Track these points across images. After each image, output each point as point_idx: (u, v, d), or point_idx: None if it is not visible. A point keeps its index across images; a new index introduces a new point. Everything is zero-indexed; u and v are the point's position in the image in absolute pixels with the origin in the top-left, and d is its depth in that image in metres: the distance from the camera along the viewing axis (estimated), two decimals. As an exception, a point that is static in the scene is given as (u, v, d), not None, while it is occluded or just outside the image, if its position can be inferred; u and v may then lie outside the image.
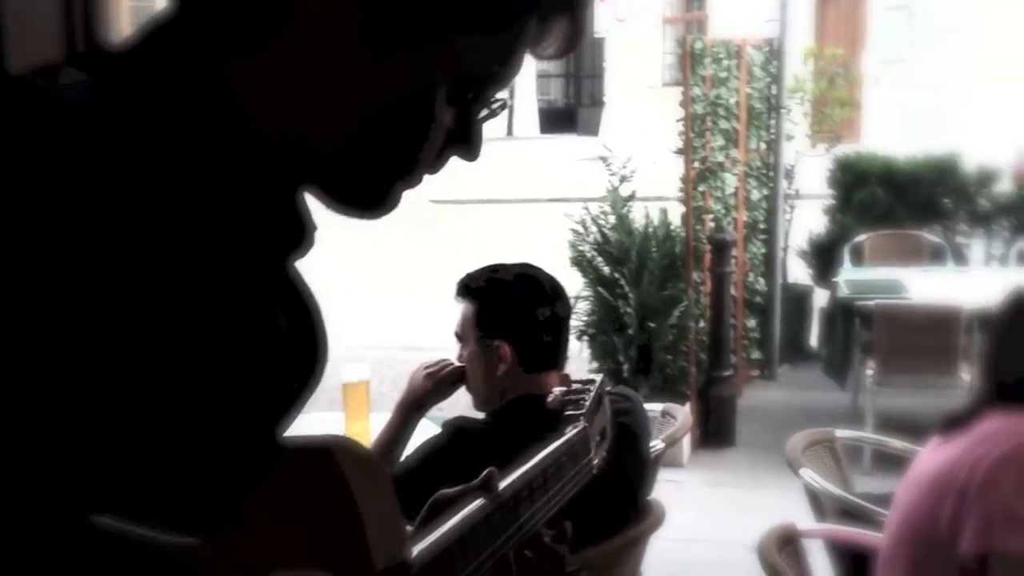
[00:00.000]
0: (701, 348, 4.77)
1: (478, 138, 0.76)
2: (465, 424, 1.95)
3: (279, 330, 0.73)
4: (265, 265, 0.73)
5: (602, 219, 4.50)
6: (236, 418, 0.68)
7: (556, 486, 1.01)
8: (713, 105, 4.75)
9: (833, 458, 2.51)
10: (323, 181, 0.74)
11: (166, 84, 0.67)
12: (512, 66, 0.75)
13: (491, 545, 0.89)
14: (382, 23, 0.69)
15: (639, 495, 2.08)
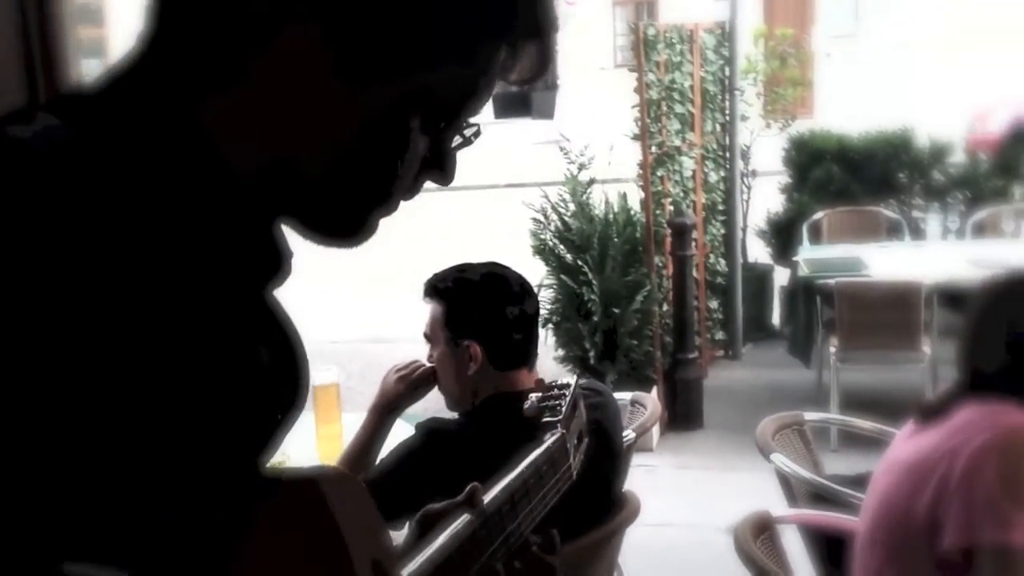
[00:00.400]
0: (666, 332, 4.79)
1: (452, 164, 0.77)
2: (439, 425, 1.94)
3: (260, 361, 0.74)
4: (244, 297, 0.73)
5: (562, 207, 4.49)
6: (219, 453, 0.67)
7: (538, 495, 1.01)
8: (668, 90, 4.76)
9: (803, 441, 2.53)
10: (300, 212, 0.75)
11: (139, 126, 0.67)
12: (483, 94, 0.75)
13: (479, 559, 0.89)
14: (354, 57, 0.69)
15: (614, 489, 2.08)
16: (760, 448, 2.38)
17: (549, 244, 4.51)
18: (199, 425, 0.64)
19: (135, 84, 0.70)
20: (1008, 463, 1.59)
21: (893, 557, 1.73)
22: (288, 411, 0.79)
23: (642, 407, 2.78)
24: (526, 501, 0.97)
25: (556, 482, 1.05)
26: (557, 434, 1.08)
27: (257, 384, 0.72)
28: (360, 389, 4.87)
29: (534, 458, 1.02)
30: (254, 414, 0.73)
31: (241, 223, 0.72)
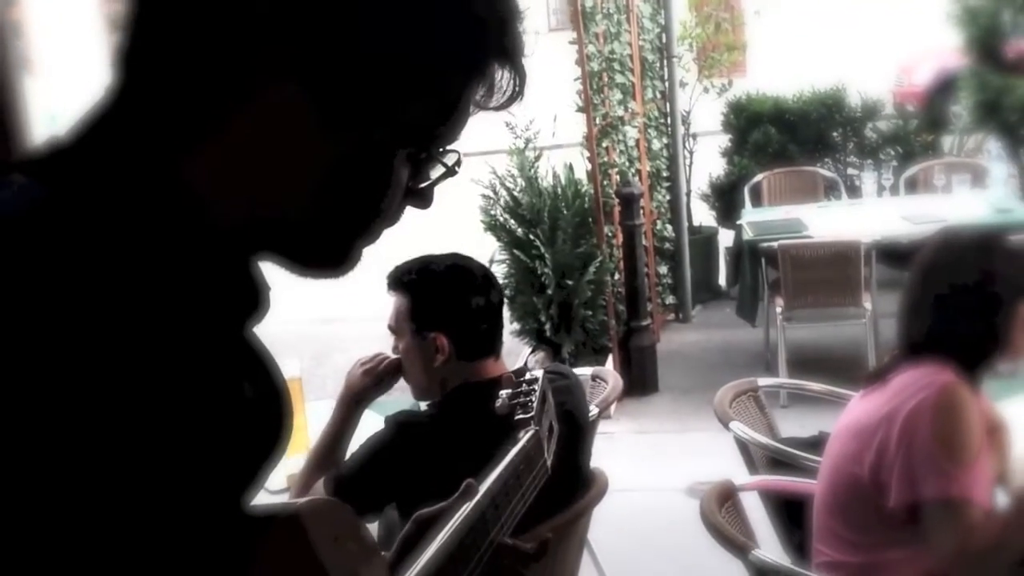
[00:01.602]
0: (619, 300, 4.88)
1: (431, 191, 0.80)
2: (408, 418, 1.98)
3: (244, 397, 0.75)
4: (225, 337, 0.74)
5: (510, 181, 4.53)
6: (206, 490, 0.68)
7: (518, 495, 1.04)
8: (608, 60, 4.81)
9: (757, 406, 2.64)
10: (282, 250, 0.76)
11: (115, 181, 0.68)
12: (460, 124, 0.78)
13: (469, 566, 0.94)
14: (331, 108, 0.70)
15: (582, 468, 2.15)
16: (719, 417, 2.48)
17: (500, 219, 4.55)
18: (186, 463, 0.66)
19: (108, 137, 0.70)
20: (942, 421, 1.69)
21: (847, 518, 1.83)
22: (273, 445, 0.80)
23: (603, 382, 2.86)
24: (507, 503, 1.01)
25: (533, 479, 1.08)
26: (531, 431, 1.11)
27: (242, 420, 0.74)
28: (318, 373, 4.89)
29: (511, 459, 1.05)
30: (239, 450, 0.74)
31: (219, 267, 0.73)
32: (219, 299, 0.73)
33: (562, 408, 2.05)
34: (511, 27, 0.76)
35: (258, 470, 0.78)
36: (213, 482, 0.69)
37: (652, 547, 3.43)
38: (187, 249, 0.70)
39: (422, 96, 0.73)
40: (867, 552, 1.79)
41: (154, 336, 0.64)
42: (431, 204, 0.81)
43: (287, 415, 0.81)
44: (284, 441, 0.82)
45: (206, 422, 0.67)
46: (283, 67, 0.69)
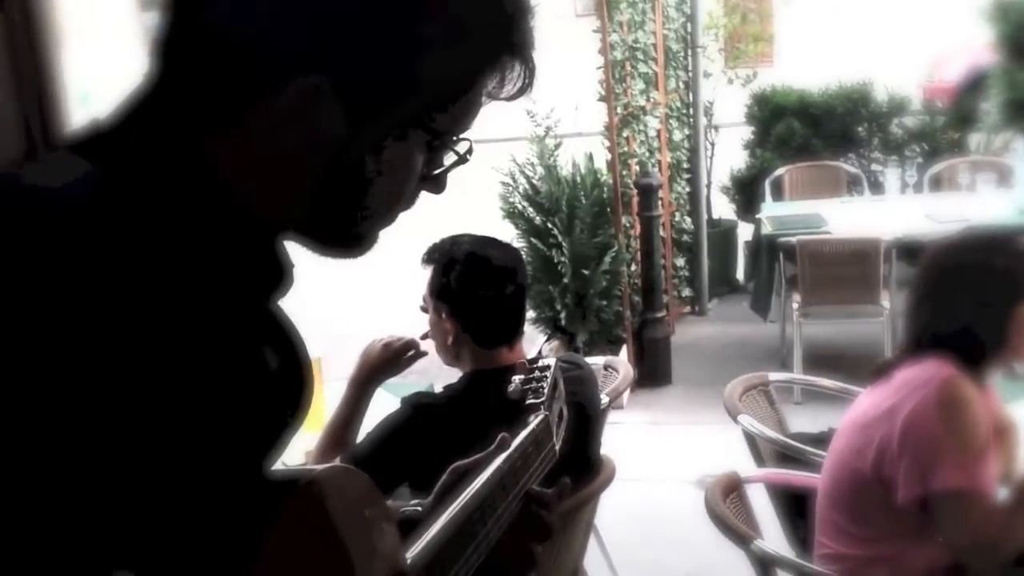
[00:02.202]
0: (634, 291, 4.87)
1: (445, 177, 0.84)
2: (424, 400, 2.00)
3: (268, 367, 0.80)
4: (250, 309, 0.80)
5: (529, 169, 4.53)
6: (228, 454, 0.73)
7: (525, 476, 1.08)
8: (632, 49, 4.79)
9: (767, 400, 2.63)
10: (303, 230, 0.81)
11: (154, 163, 0.73)
12: (472, 115, 0.82)
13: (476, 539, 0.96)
14: (353, 101, 0.75)
15: (590, 455, 2.16)
16: (728, 410, 2.48)
17: (518, 207, 4.55)
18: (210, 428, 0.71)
19: (147, 121, 0.76)
20: (947, 414, 1.70)
21: (848, 511, 1.84)
22: (295, 413, 0.85)
23: (615, 371, 2.86)
24: (514, 483, 1.04)
25: (541, 461, 1.12)
26: (541, 416, 1.14)
27: (265, 388, 0.79)
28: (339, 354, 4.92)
29: (520, 441, 1.08)
30: (262, 416, 0.79)
31: (245, 244, 0.78)
32: (245, 273, 0.78)
33: (573, 397, 2.07)
34: (520, 23, 0.80)
35: (279, 435, 0.83)
36: (235, 445, 0.74)
37: (659, 536, 3.44)
38: (215, 227, 0.75)
39: (438, 93, 0.77)
40: (868, 544, 1.80)
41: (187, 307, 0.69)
42: (444, 189, 0.85)
43: (308, 384, 0.86)
44: (305, 408, 0.86)
45: (229, 387, 0.72)
46: (306, 60, 0.73)
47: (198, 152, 0.75)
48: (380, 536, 0.84)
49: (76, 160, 0.72)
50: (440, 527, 0.92)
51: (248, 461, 0.77)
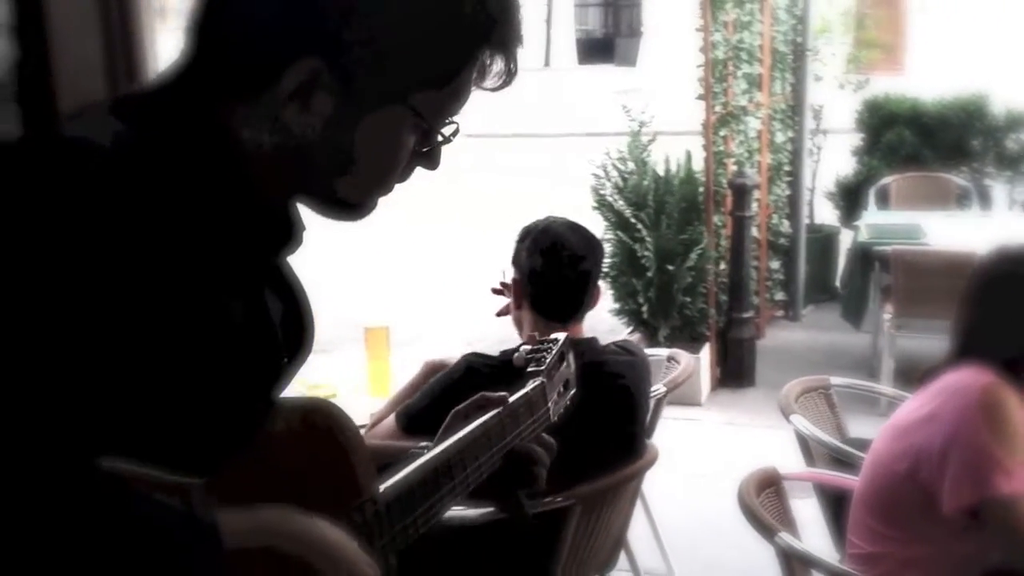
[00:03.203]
0: (722, 290, 4.86)
1: (438, 154, 0.96)
2: (478, 359, 2.10)
3: (271, 311, 0.93)
4: (259, 261, 0.93)
5: (621, 164, 4.58)
6: (238, 380, 0.86)
7: (513, 432, 1.17)
8: (736, 49, 4.77)
9: (827, 404, 2.63)
10: (312, 194, 0.93)
11: (179, 127, 0.86)
12: (460, 101, 0.93)
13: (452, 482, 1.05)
14: (348, 82, 0.86)
15: (635, 438, 2.22)
16: (781, 409, 2.50)
17: (608, 199, 4.60)
18: (223, 354, 0.83)
19: (178, 91, 0.89)
20: (992, 420, 1.70)
21: (881, 512, 1.85)
22: (296, 352, 0.99)
23: (677, 363, 2.90)
24: (500, 436, 1.14)
25: (533, 422, 1.21)
26: (537, 382, 1.24)
27: (264, 329, 0.92)
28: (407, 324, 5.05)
29: (511, 401, 1.18)
30: (267, 352, 0.92)
31: (255, 203, 0.90)
32: (254, 229, 0.90)
33: (621, 380, 2.15)
34: (503, 24, 0.91)
35: (278, 368, 0.95)
36: (235, 371, 0.86)
37: (719, 533, 3.45)
38: (228, 187, 0.87)
39: (428, 77, 0.89)
40: (899, 546, 1.81)
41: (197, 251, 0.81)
42: (438, 165, 0.96)
43: (308, 330, 1.00)
44: (305, 349, 1.00)
45: (230, 323, 0.85)
46: (309, 45, 0.85)
47: (219, 122, 0.87)
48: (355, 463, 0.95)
49: (110, 120, 0.84)
50: (417, 466, 1.02)
51: (247, 386, 0.89)
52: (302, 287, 0.99)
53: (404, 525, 0.99)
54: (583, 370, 2.01)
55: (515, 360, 1.31)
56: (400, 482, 1.00)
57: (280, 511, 0.81)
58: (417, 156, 0.94)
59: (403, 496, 0.99)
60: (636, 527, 2.90)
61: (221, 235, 0.85)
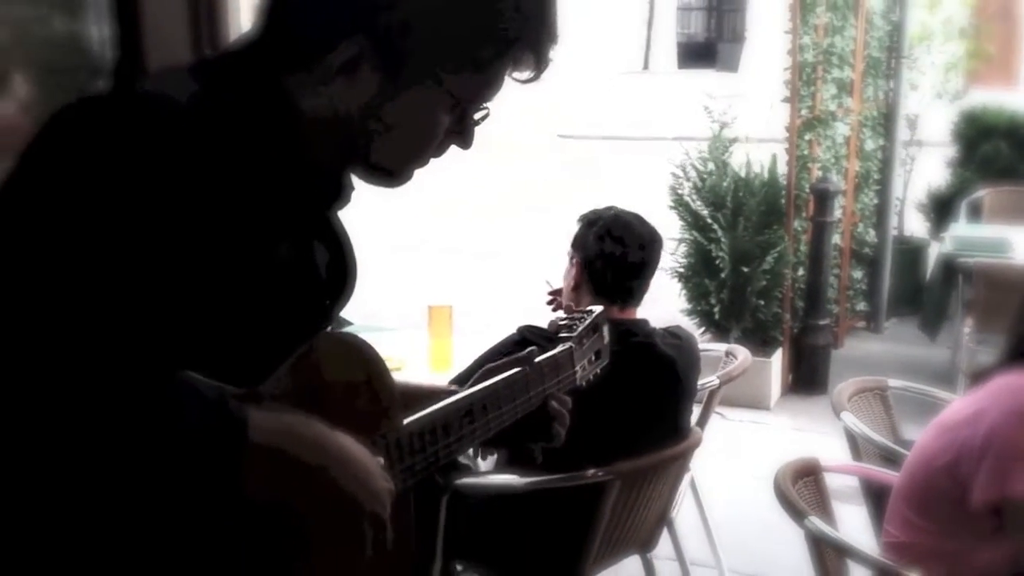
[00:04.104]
0: (799, 296, 4.83)
1: (471, 132, 1.07)
2: (533, 330, 2.19)
3: (317, 259, 1.06)
4: (311, 213, 1.06)
5: (700, 164, 4.59)
6: (284, 312, 0.98)
7: (537, 388, 1.27)
8: (826, 54, 4.73)
9: (883, 405, 2.63)
10: (352, 160, 1.05)
11: (245, 89, 0.98)
12: (493, 87, 1.04)
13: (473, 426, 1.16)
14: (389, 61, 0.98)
15: (679, 421, 2.28)
16: (833, 406, 2.51)
17: (686, 199, 4.62)
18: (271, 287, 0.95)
19: (247, 59, 1.01)
20: None
21: (918, 504, 1.87)
22: (338, 295, 1.11)
23: (734, 357, 2.93)
24: (524, 390, 1.24)
25: (558, 382, 1.30)
26: (566, 346, 1.33)
27: (313, 270, 1.04)
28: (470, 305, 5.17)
29: (538, 360, 1.28)
30: (309, 290, 1.04)
31: (309, 162, 1.02)
32: (306, 185, 1.02)
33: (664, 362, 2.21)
34: (536, 21, 1.02)
35: (324, 306, 1.08)
36: (288, 302, 0.98)
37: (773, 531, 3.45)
38: (286, 146, 0.99)
39: (463, 64, 1.00)
40: (931, 537, 1.84)
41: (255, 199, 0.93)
42: (471, 145, 1.08)
43: (351, 276, 1.12)
44: (347, 293, 1.13)
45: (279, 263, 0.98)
46: (356, 25, 0.97)
47: (280, 88, 0.99)
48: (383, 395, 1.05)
49: (188, 80, 0.97)
50: (441, 406, 1.12)
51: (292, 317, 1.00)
52: (349, 241, 1.11)
53: (424, 456, 1.09)
54: (631, 350, 2.10)
55: (548, 325, 1.40)
56: (423, 418, 1.10)
57: (303, 417, 0.91)
58: (451, 134, 1.05)
59: (425, 431, 1.09)
60: (687, 518, 2.94)
61: (275, 186, 0.96)
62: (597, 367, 1.42)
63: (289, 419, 0.90)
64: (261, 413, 0.87)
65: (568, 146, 13.57)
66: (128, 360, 0.82)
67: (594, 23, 23.80)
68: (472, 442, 1.15)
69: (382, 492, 0.95)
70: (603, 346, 1.44)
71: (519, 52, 1.01)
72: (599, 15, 23.75)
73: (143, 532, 0.86)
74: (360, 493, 0.92)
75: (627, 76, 21.87)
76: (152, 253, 0.85)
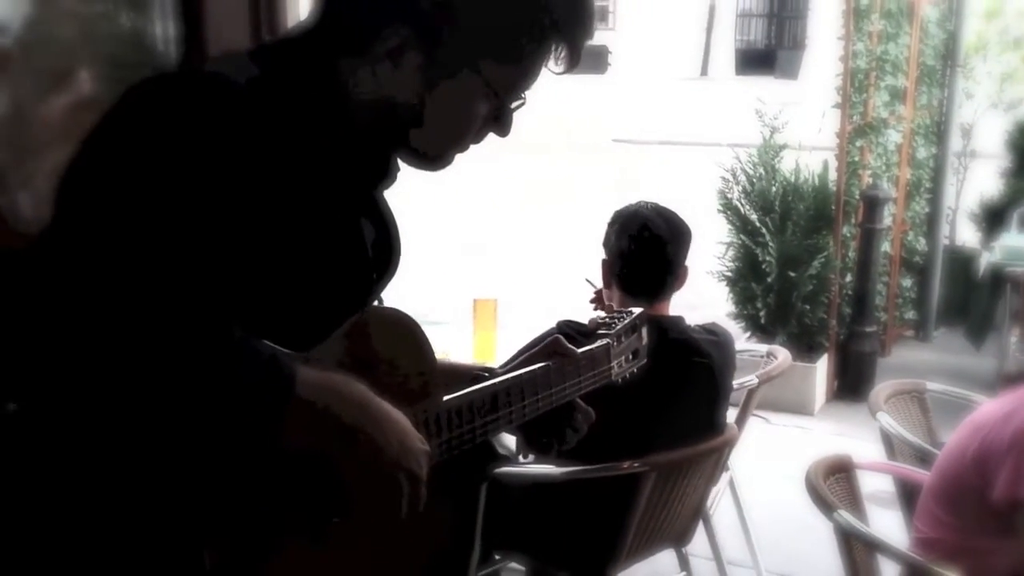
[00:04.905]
0: (846, 302, 4.83)
1: (509, 121, 1.14)
2: (571, 325, 2.26)
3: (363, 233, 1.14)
4: (358, 191, 1.14)
5: (750, 168, 4.62)
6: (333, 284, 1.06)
7: (573, 379, 1.33)
8: (879, 61, 4.72)
9: (920, 408, 2.65)
10: (402, 144, 1.13)
11: (300, 73, 1.07)
12: (529, 80, 1.12)
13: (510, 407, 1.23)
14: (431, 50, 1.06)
15: (715, 417, 2.33)
16: (869, 406, 2.54)
17: (735, 203, 4.66)
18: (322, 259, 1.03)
19: (303, 44, 1.10)
20: None
21: (946, 501, 1.91)
22: (384, 270, 1.19)
23: (774, 358, 2.97)
24: (560, 380, 1.31)
25: (593, 376, 1.37)
26: (603, 342, 1.40)
27: (359, 247, 1.12)
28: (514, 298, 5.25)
29: (579, 353, 1.34)
30: (357, 265, 1.12)
31: (358, 143, 1.10)
32: (355, 164, 1.11)
33: (700, 358, 2.26)
34: (572, 16, 1.09)
35: (371, 280, 1.16)
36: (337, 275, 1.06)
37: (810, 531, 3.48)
38: (337, 126, 1.08)
39: (500, 55, 1.08)
40: (957, 534, 1.87)
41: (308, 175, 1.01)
42: (509, 132, 1.16)
43: (396, 251, 1.20)
44: (392, 268, 1.20)
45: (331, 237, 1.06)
46: (402, 14, 1.05)
47: (332, 72, 1.08)
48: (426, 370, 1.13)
49: (248, 63, 1.06)
50: (478, 388, 1.19)
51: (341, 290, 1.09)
52: (394, 220, 1.20)
53: (461, 432, 1.16)
54: (667, 346, 2.15)
55: (588, 323, 1.47)
56: (462, 396, 1.17)
57: (347, 377, 0.99)
58: (489, 122, 1.13)
59: (463, 408, 1.16)
60: (726, 518, 2.99)
61: (325, 164, 1.05)
62: (634, 366, 1.47)
63: (335, 378, 0.97)
64: (308, 370, 0.94)
65: (622, 150, 13.60)
66: (193, 311, 0.90)
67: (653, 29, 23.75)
68: (507, 424, 1.22)
69: (418, 451, 1.01)
70: (641, 346, 1.49)
71: (555, 45, 1.09)
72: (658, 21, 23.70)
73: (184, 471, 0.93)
74: (397, 450, 0.99)
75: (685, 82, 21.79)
76: (216, 219, 0.93)
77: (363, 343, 1.05)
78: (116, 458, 0.93)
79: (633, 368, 1.48)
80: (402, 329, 1.11)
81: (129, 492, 0.93)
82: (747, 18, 25.04)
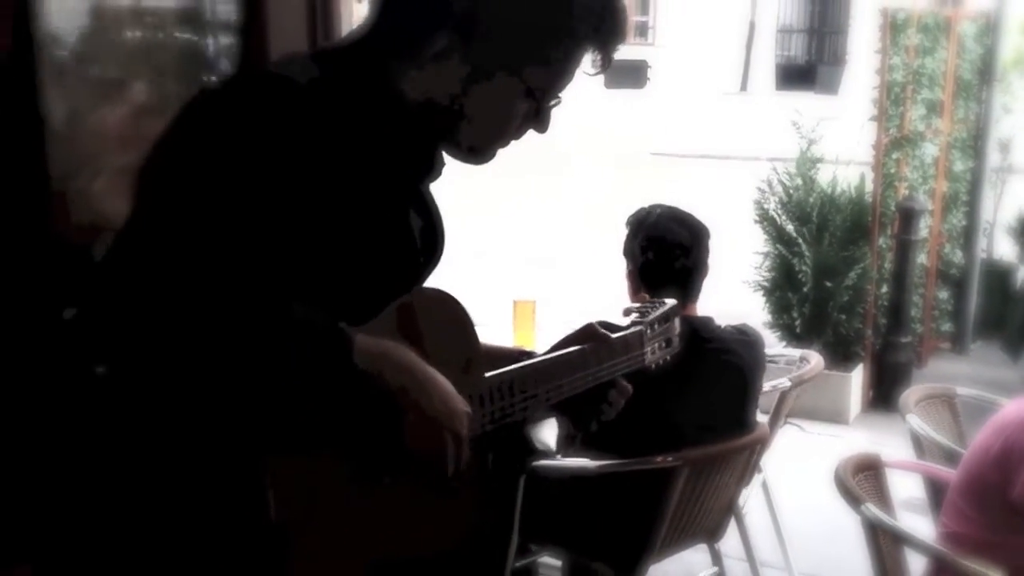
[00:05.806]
0: (881, 313, 4.86)
1: (547, 118, 1.24)
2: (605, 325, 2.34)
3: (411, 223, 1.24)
4: (406, 184, 1.25)
5: (787, 179, 4.68)
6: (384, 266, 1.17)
7: (608, 361, 1.42)
8: (916, 75, 4.77)
9: (951, 412, 2.70)
10: (448, 140, 1.24)
11: (356, 75, 1.17)
12: (565, 80, 1.22)
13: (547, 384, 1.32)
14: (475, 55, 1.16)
15: (744, 415, 2.40)
16: (899, 408, 2.60)
17: (771, 214, 4.72)
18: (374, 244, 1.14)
19: (359, 48, 1.20)
20: None
21: (970, 495, 1.98)
22: (429, 258, 1.28)
23: (807, 362, 3.03)
24: (595, 364, 1.40)
25: (627, 359, 1.46)
26: (636, 329, 1.49)
27: (407, 236, 1.22)
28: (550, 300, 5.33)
29: (612, 339, 1.43)
30: (406, 251, 1.22)
31: (409, 139, 1.20)
32: (405, 159, 1.21)
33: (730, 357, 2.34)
34: (606, 22, 1.19)
35: (418, 271, 1.26)
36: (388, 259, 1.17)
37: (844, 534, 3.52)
38: (390, 123, 1.19)
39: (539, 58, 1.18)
40: (980, 528, 1.93)
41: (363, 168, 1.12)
42: (547, 129, 1.25)
43: (441, 241, 1.30)
44: (437, 256, 1.30)
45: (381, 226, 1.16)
46: (447, 20, 1.15)
47: (386, 74, 1.18)
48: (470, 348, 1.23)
49: (310, 65, 1.17)
50: (518, 367, 1.29)
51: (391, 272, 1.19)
52: (439, 211, 1.30)
53: (502, 406, 1.26)
54: (698, 344, 2.23)
55: (624, 311, 1.55)
56: (504, 374, 1.27)
57: (399, 346, 1.10)
58: (528, 120, 1.23)
59: (503, 385, 1.26)
60: (758, 521, 3.05)
61: (378, 158, 1.15)
62: (667, 353, 1.55)
63: (386, 344, 1.08)
64: (363, 337, 1.06)
65: (661, 163, 13.64)
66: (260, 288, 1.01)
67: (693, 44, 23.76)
68: (544, 403, 1.31)
69: (461, 413, 1.12)
70: (674, 335, 1.57)
71: (589, 50, 1.18)
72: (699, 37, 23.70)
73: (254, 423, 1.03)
74: (441, 411, 1.09)
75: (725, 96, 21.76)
76: (281, 208, 1.04)
77: (411, 320, 1.15)
78: (192, 414, 1.04)
79: (667, 355, 1.56)
80: (447, 308, 1.21)
81: (204, 444, 1.04)
82: (787, 33, 24.98)
